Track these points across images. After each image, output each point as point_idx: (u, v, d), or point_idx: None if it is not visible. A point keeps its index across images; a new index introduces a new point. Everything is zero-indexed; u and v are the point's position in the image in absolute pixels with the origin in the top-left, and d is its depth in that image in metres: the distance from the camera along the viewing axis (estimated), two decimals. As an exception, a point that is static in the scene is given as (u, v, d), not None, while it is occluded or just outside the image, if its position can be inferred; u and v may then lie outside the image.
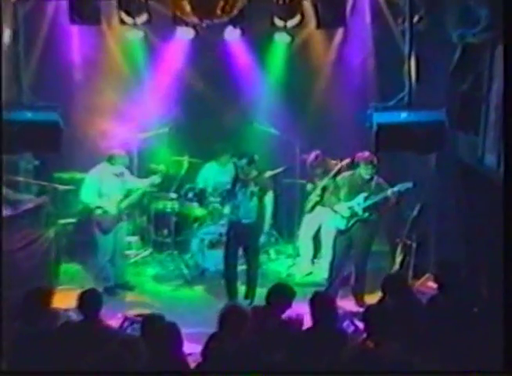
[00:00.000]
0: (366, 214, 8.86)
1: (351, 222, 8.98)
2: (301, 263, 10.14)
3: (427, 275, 9.02)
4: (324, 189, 9.58)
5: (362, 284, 9.02)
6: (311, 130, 10.59)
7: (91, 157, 9.61)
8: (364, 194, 8.89)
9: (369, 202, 8.81)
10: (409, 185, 8.69)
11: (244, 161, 8.61)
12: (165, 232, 10.24)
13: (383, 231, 9.62)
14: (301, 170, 10.27)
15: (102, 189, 9.12)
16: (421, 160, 9.11)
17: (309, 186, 9.99)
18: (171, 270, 10.10)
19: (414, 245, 9.21)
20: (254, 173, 8.68)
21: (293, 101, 10.63)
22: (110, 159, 9.14)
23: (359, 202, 8.91)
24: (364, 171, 8.82)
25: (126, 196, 9.25)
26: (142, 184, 9.47)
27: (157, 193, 10.23)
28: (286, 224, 10.73)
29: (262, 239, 9.57)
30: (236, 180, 8.73)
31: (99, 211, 9.07)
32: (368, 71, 10.30)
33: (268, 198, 8.98)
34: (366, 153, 8.75)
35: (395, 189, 8.70)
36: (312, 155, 9.84)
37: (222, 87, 10.56)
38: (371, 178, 8.87)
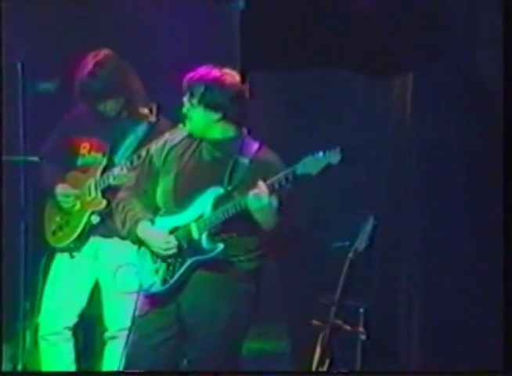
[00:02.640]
0: (219, 247, 4.05)
1: (183, 268, 4.13)
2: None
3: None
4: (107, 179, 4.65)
5: None
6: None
7: None
8: (216, 190, 4.10)
9: (229, 210, 4.06)
10: (333, 157, 3.96)
11: None
12: None
13: (271, 297, 5.25)
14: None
15: None
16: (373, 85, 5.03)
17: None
18: None
19: (362, 337, 4.69)
20: None
21: None
22: None
23: (203, 211, 4.10)
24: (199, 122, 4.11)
25: None
26: None
27: None
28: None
29: None
30: None
31: None
32: None
33: None
34: (211, 69, 4.09)
35: (297, 169, 3.98)
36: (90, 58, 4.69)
37: None
38: (230, 141, 4.15)
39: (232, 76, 4.07)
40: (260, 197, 3.85)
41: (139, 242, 4.16)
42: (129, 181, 4.38)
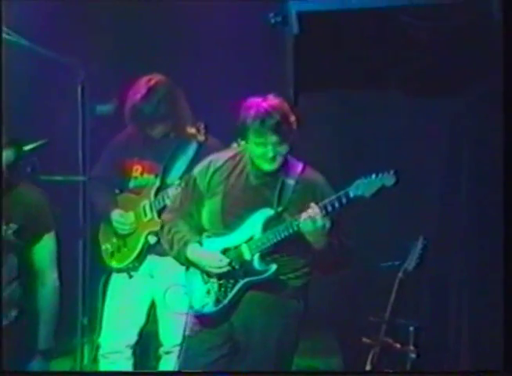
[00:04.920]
0: (272, 268, 4.03)
1: (236, 288, 4.09)
2: None
3: None
4: (161, 200, 4.60)
5: None
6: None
7: None
8: (266, 211, 4.10)
9: (281, 232, 4.03)
10: (387, 180, 3.95)
11: None
12: None
13: (321, 314, 5.26)
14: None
15: None
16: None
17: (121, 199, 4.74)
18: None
19: (412, 355, 4.63)
20: None
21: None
22: None
23: (254, 233, 4.08)
24: (258, 151, 4.04)
25: None
26: None
27: None
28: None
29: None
30: None
31: None
32: None
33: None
34: (266, 101, 3.98)
35: (350, 191, 3.95)
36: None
37: None
38: (280, 170, 4.11)
39: (277, 98, 3.96)
40: (314, 220, 3.82)
41: (189, 263, 4.07)
42: (173, 203, 4.25)
